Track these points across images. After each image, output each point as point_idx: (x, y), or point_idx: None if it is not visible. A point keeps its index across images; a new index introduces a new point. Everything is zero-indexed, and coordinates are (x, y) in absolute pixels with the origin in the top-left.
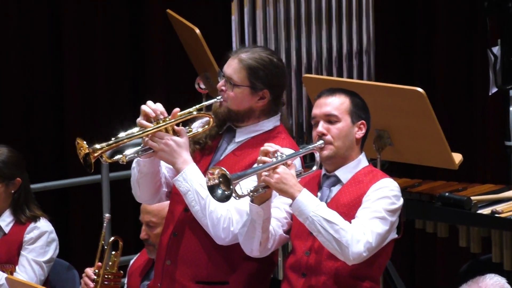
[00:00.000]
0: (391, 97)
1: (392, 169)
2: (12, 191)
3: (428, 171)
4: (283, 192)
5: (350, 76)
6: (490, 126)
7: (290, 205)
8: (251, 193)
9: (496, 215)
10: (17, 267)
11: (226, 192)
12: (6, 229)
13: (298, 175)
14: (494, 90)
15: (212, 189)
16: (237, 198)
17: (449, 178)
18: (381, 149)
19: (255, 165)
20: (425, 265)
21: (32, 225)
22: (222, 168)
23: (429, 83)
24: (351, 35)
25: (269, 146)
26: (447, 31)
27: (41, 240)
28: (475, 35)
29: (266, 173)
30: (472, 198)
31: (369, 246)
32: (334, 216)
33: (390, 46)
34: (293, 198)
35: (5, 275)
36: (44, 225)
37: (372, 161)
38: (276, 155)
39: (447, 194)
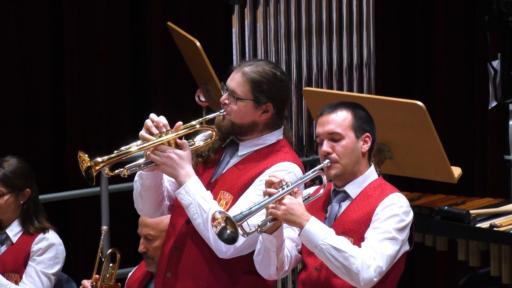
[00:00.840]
0: (391, 111)
1: (391, 183)
2: (22, 202)
3: (428, 184)
4: (291, 223)
5: (350, 89)
6: (489, 140)
7: (299, 234)
8: (259, 229)
9: (495, 228)
10: (24, 277)
11: (233, 234)
12: (14, 239)
13: (306, 199)
14: (494, 104)
15: (221, 234)
16: (245, 236)
17: (449, 191)
18: (381, 162)
19: (261, 199)
20: (424, 278)
21: (40, 236)
22: (225, 211)
23: (429, 96)
24: (351, 48)
25: (273, 177)
26: (447, 45)
27: (50, 252)
28: (475, 49)
29: (272, 205)
30: (471, 211)
31: (380, 271)
32: (342, 243)
33: (391, 60)
34: (301, 227)
35: (10, 283)
36: (52, 237)
37: None
38: (281, 185)
39: (446, 207)
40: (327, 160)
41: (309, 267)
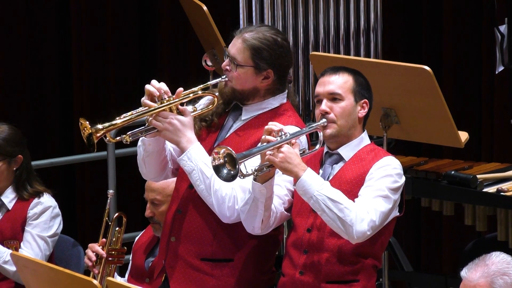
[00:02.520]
0: (398, 75)
1: (398, 147)
2: (14, 169)
3: (434, 149)
4: (288, 171)
5: (357, 54)
6: (496, 104)
7: (294, 184)
8: (256, 172)
9: (502, 193)
10: (22, 243)
11: (231, 172)
12: (10, 206)
13: (302, 153)
14: (501, 68)
15: (217, 169)
16: (241, 177)
17: (455, 156)
18: (388, 127)
19: (260, 144)
20: (430, 243)
21: (35, 200)
22: (228, 147)
23: (436, 61)
24: (358, 13)
25: (273, 125)
26: (455, 10)
27: (44, 215)
28: (483, 13)
29: (270, 152)
30: (478, 176)
31: (373, 225)
32: (338, 195)
33: (398, 24)
34: (297, 177)
35: (9, 251)
36: (47, 200)
37: (378, 139)
38: (280, 134)
39: (453, 172)
40: (324, 120)
41: (300, 229)
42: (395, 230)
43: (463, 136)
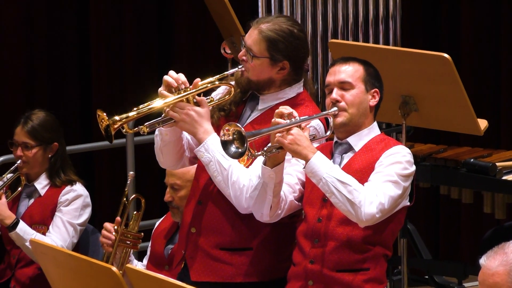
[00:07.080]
0: (417, 63)
1: (417, 135)
2: (49, 156)
3: (453, 137)
4: (297, 154)
5: (376, 41)
6: None
7: (304, 167)
8: (265, 153)
9: None
10: (50, 227)
11: (239, 150)
12: (42, 192)
13: (312, 139)
14: None
15: (225, 144)
16: (250, 156)
17: (474, 144)
18: (407, 115)
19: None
20: (449, 231)
21: (68, 187)
22: (238, 124)
23: (455, 49)
24: (377, 0)
25: (284, 109)
26: None
27: (76, 202)
28: (502, 0)
29: (280, 134)
30: (497, 164)
31: (382, 208)
32: (347, 177)
33: (417, 12)
34: (306, 159)
35: (35, 233)
36: (80, 188)
37: (397, 127)
38: (291, 117)
39: (472, 160)
40: (335, 108)
41: (310, 218)
42: (414, 218)
43: (482, 123)
